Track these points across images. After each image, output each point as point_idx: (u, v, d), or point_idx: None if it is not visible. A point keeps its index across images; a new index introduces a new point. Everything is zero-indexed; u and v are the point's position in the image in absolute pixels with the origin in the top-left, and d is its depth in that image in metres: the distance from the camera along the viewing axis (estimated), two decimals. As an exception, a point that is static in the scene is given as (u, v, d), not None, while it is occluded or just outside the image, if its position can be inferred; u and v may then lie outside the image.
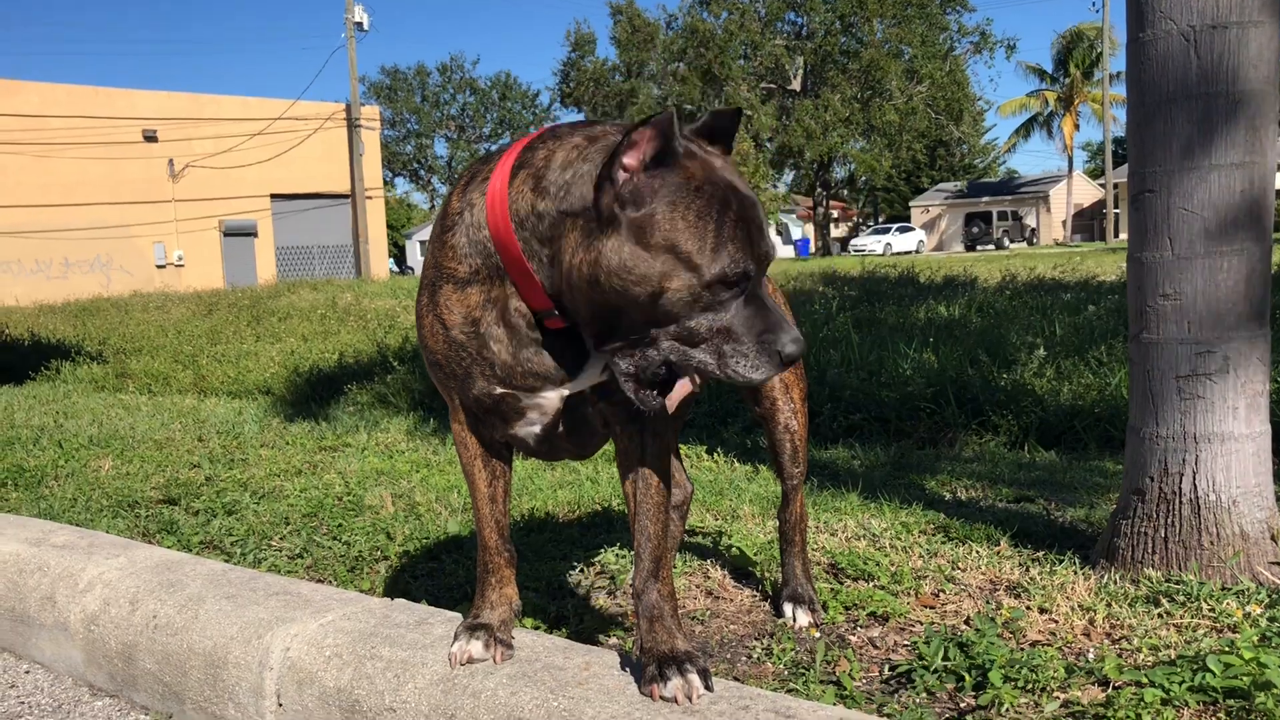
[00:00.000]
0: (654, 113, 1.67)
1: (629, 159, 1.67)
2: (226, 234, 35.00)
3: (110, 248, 32.46)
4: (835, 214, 65.98)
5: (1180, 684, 1.99)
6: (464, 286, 1.90)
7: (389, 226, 42.98)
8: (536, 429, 2.01)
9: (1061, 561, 2.85)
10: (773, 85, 53.03)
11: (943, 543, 3.11)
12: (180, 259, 33.90)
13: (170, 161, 33.40)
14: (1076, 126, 59.51)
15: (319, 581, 3.01)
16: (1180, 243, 2.63)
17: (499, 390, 1.95)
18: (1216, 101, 2.56)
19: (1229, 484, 2.63)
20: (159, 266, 33.45)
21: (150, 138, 32.98)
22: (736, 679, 2.23)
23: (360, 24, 36.24)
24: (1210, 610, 2.41)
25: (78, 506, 4.09)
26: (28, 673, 2.88)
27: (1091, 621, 2.44)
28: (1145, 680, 2.02)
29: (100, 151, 31.59)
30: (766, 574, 2.94)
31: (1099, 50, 54.45)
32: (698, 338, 1.71)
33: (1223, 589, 2.53)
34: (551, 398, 1.94)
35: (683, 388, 2.57)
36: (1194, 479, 2.64)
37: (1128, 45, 2.76)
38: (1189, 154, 2.60)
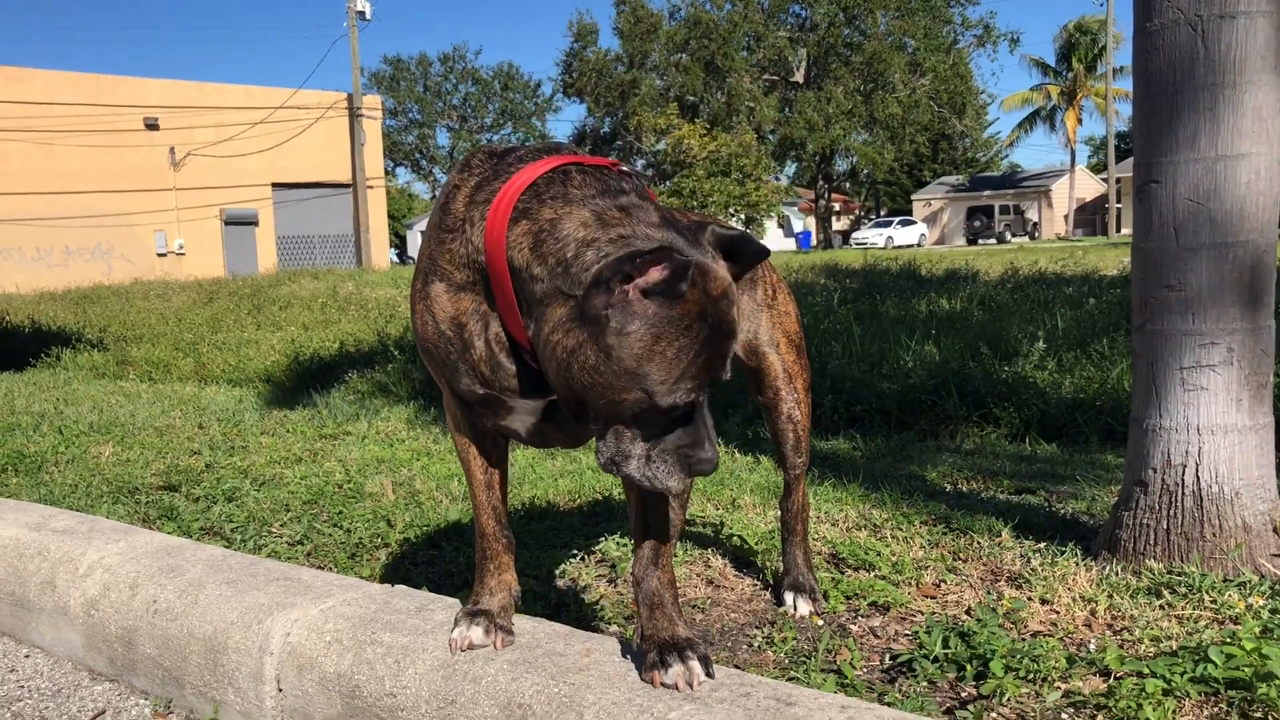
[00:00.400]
0: (664, 248, 1.64)
1: (635, 278, 1.65)
2: (227, 223, 34.97)
3: (111, 236, 32.44)
4: (837, 207, 65.90)
5: (1182, 675, 1.99)
6: (457, 290, 1.89)
7: (390, 216, 42.96)
8: (520, 427, 2.01)
9: (1063, 553, 2.84)
10: (775, 77, 52.94)
11: (944, 533, 3.11)
12: (181, 247, 33.88)
13: (172, 150, 33.36)
14: (1079, 120, 59.42)
15: (319, 568, 3.01)
16: (1185, 234, 2.62)
17: (480, 390, 1.94)
18: (1223, 92, 2.55)
19: (1232, 476, 2.62)
20: (160, 255, 33.43)
21: (152, 126, 32.94)
22: (737, 667, 2.23)
23: (362, 13, 36.20)
24: (1212, 602, 2.41)
25: (78, 492, 4.09)
26: (28, 657, 2.88)
27: (1093, 612, 2.43)
28: (1147, 671, 2.02)
29: (102, 139, 31.55)
30: (767, 563, 2.93)
31: (1102, 43, 54.32)
32: (635, 439, 1.75)
33: (1225, 581, 2.52)
34: (538, 404, 1.93)
35: None
36: (1197, 470, 2.64)
37: (1134, 35, 2.74)
38: (1194, 144, 2.59)
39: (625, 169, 1.89)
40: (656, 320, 1.66)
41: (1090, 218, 60.82)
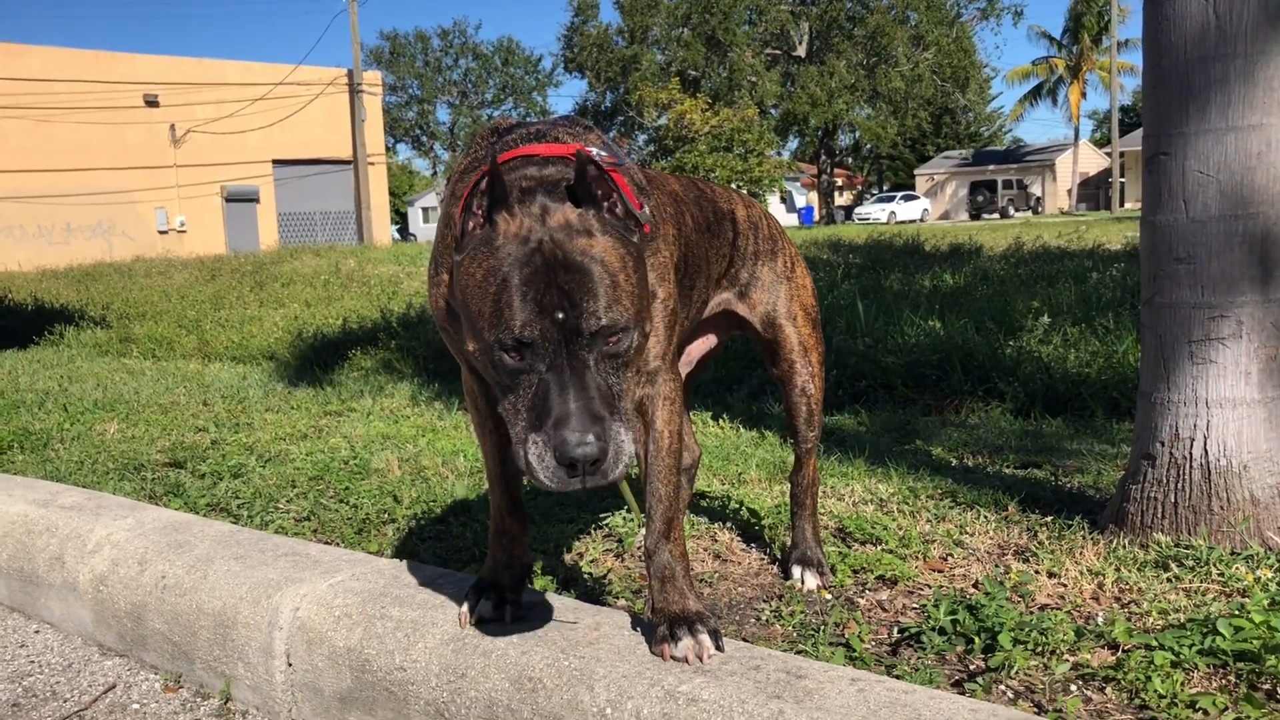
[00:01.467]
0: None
1: (475, 205, 1.70)
2: (228, 200, 34.91)
3: (112, 213, 32.39)
4: (840, 182, 65.78)
5: (1190, 647, 1.99)
6: None
7: (391, 193, 42.89)
8: None
9: (1070, 526, 2.84)
10: (778, 51, 52.68)
11: (950, 508, 3.11)
12: (182, 225, 33.83)
13: (172, 127, 33.26)
14: (1083, 94, 59.13)
15: (327, 543, 3.02)
16: (1195, 206, 2.61)
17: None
18: (1234, 62, 2.53)
19: (1240, 449, 2.62)
20: (161, 232, 33.39)
21: (152, 103, 32.82)
22: (745, 640, 2.24)
23: (362, -12, 35.95)
24: (1220, 575, 2.41)
25: (84, 469, 4.10)
26: (37, 632, 2.89)
27: (1100, 585, 2.44)
28: (1155, 643, 2.02)
29: (102, 116, 31.45)
30: (774, 537, 2.94)
31: (1109, 17, 53.98)
32: (517, 414, 1.68)
33: (1232, 554, 2.52)
34: None
35: (705, 342, 2.57)
36: (1205, 444, 2.63)
37: (1144, 6, 2.72)
38: (1205, 116, 2.57)
39: (593, 150, 1.86)
40: (480, 244, 1.69)
41: (1094, 192, 60.63)
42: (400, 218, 63.25)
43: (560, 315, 1.63)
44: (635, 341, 1.70)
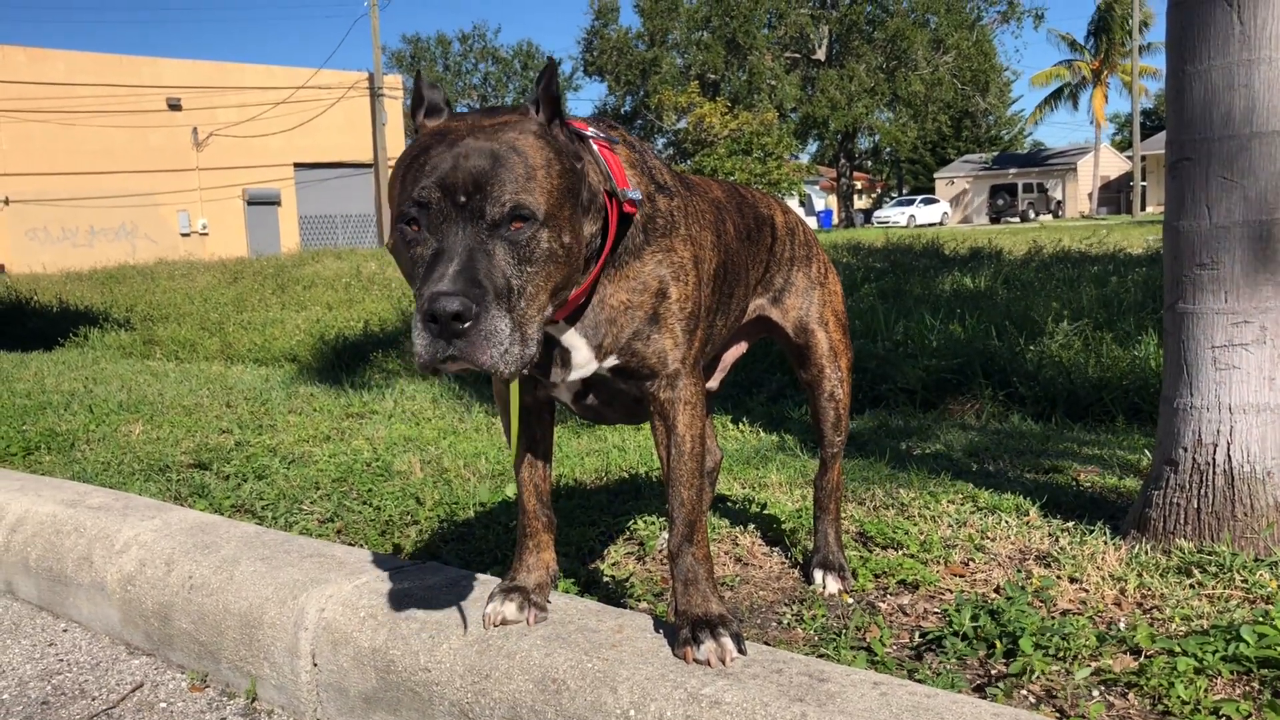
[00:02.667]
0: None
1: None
2: (250, 203, 35.14)
3: (135, 216, 32.66)
4: (859, 185, 65.61)
5: (1214, 653, 1.99)
6: None
7: (411, 196, 42.94)
8: (568, 399, 2.05)
9: (1091, 532, 2.84)
10: (797, 55, 52.63)
11: (971, 512, 3.11)
12: (204, 227, 34.08)
13: (194, 130, 33.52)
14: (1106, 98, 58.82)
15: (350, 545, 3.04)
16: (1218, 211, 2.60)
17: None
18: (1258, 68, 2.53)
19: (1264, 455, 2.61)
20: (183, 235, 33.65)
21: (175, 106, 33.09)
22: (767, 644, 2.24)
23: (382, -8, 36.14)
24: (1243, 581, 2.40)
25: (110, 470, 4.14)
26: (65, 631, 2.93)
27: (1122, 591, 2.43)
28: (1178, 649, 2.02)
29: (125, 120, 31.73)
30: (795, 541, 2.94)
31: (1132, 20, 53.67)
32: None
33: (1256, 560, 2.51)
34: (568, 379, 1.96)
35: (736, 349, 2.58)
36: (1228, 450, 2.63)
37: (1168, 10, 2.72)
38: (1229, 122, 2.57)
39: (591, 130, 1.93)
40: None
41: (1115, 196, 60.27)
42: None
43: (463, 198, 1.63)
44: (545, 243, 1.66)
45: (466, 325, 1.56)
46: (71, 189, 31.17)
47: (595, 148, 1.88)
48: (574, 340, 1.91)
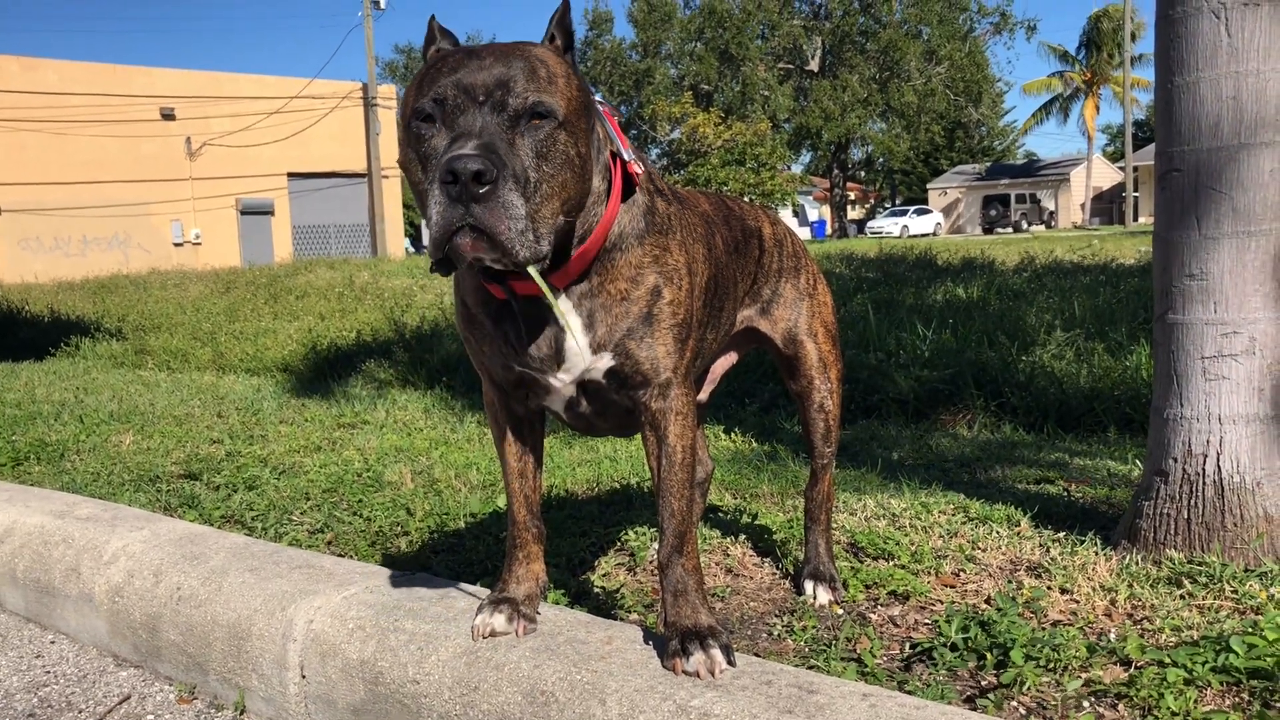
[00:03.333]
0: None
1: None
2: (243, 212, 35.11)
3: (128, 225, 32.61)
4: (852, 196, 65.75)
5: (1203, 664, 1.99)
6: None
7: (405, 206, 43.09)
8: (560, 407, 2.05)
9: (1082, 542, 2.84)
10: (790, 66, 52.81)
11: (962, 523, 3.11)
12: (197, 237, 34.04)
13: (188, 140, 33.50)
14: (1097, 109, 59.09)
15: (340, 556, 3.03)
16: (1207, 222, 2.61)
17: (517, 368, 1.98)
18: (1246, 80, 2.54)
19: (1253, 466, 2.61)
20: (176, 244, 33.60)
21: (168, 116, 33.07)
22: (757, 655, 2.24)
23: (377, 2, 36.23)
24: (1233, 592, 2.41)
25: (100, 480, 4.12)
26: (53, 643, 2.91)
27: (1113, 602, 2.43)
28: (1168, 660, 2.02)
29: (118, 129, 31.71)
30: (786, 552, 2.94)
31: (1124, 31, 53.94)
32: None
33: (1246, 571, 2.51)
34: (564, 379, 1.96)
35: (726, 360, 2.59)
36: (1218, 460, 2.63)
37: (1156, 24, 2.73)
38: (1217, 133, 2.58)
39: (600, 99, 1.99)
40: None
41: (1107, 206, 60.50)
42: (414, 230, 63.47)
43: (483, 96, 1.64)
44: (561, 145, 1.67)
45: (486, 190, 1.55)
46: (64, 199, 31.12)
47: (600, 110, 1.93)
48: (572, 320, 1.90)
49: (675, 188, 2.22)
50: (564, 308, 1.89)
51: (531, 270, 1.70)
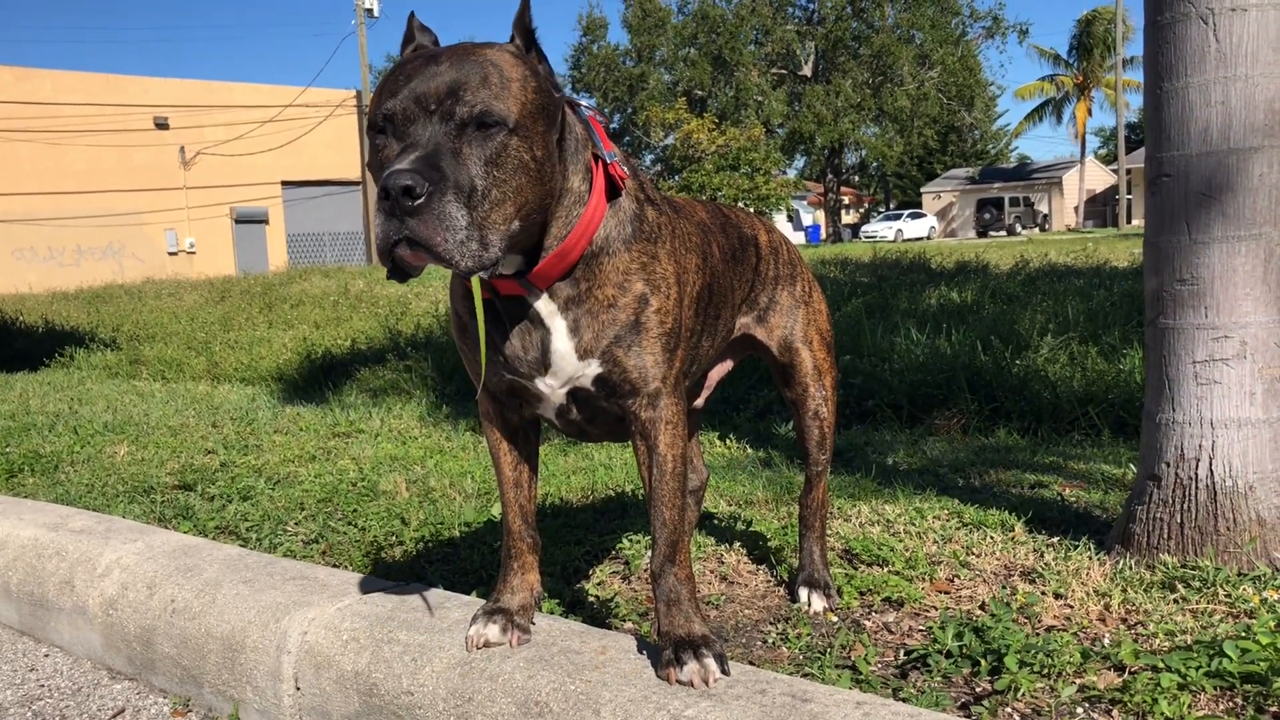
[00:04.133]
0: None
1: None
2: (238, 221, 35.09)
3: (122, 235, 32.58)
4: (846, 200, 65.85)
5: (1197, 669, 1.99)
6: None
7: (400, 213, 42.98)
8: (553, 415, 2.05)
9: (1076, 547, 2.84)
10: (784, 71, 52.88)
11: (957, 528, 3.11)
12: (192, 246, 34.02)
13: (182, 149, 33.49)
14: (1090, 112, 59.21)
15: (335, 566, 3.03)
16: (1197, 227, 2.62)
17: (507, 376, 1.98)
18: (1234, 85, 2.55)
19: (1246, 470, 2.62)
20: (171, 254, 33.58)
21: (162, 125, 33.07)
22: (752, 663, 2.24)
23: (370, 10, 36.28)
24: (1226, 596, 2.41)
25: (94, 492, 4.12)
26: (47, 656, 2.91)
27: (1107, 607, 2.44)
28: (1161, 665, 2.02)
29: (112, 139, 31.69)
30: (781, 559, 2.94)
31: (1114, 35, 54.09)
32: None
33: (1239, 575, 2.52)
34: (552, 385, 1.96)
35: (722, 367, 2.59)
36: (1210, 464, 2.64)
37: (1145, 28, 2.74)
38: (1207, 138, 2.58)
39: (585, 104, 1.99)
40: None
41: (1100, 209, 60.63)
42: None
43: (434, 105, 1.66)
44: (514, 151, 1.67)
45: (418, 203, 1.57)
46: (58, 208, 31.08)
47: (584, 114, 1.94)
48: (556, 323, 1.90)
49: (671, 197, 2.22)
50: (546, 310, 1.89)
51: (474, 280, 1.72)
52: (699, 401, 2.67)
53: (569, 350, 1.91)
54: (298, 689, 2.28)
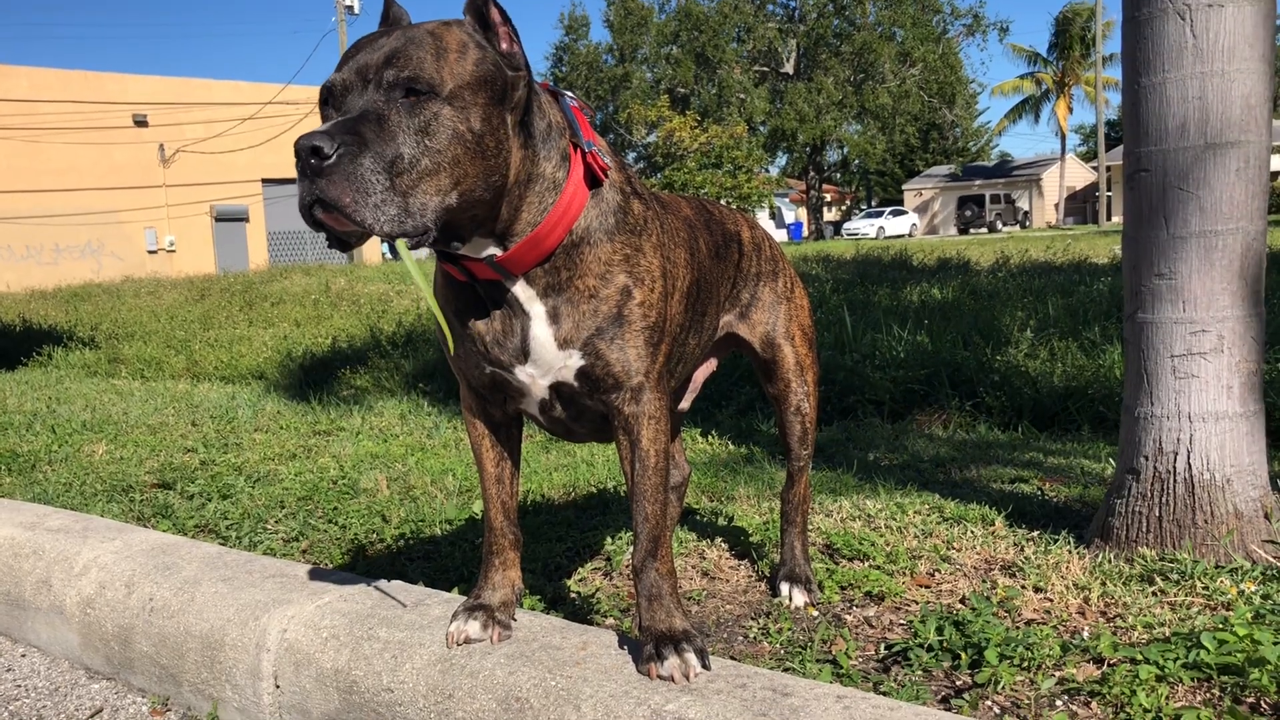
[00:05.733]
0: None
1: None
2: (218, 219, 34.88)
3: (101, 233, 32.34)
4: (828, 197, 66.00)
5: (1175, 661, 2.00)
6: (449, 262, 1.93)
7: (381, 211, 42.84)
8: (536, 410, 2.05)
9: (1056, 541, 2.85)
10: (766, 68, 52.97)
11: (938, 523, 3.12)
12: (172, 244, 33.80)
13: (161, 146, 33.26)
14: (1070, 109, 59.48)
15: (315, 564, 3.01)
16: (1175, 222, 2.63)
17: (489, 368, 1.97)
18: (1211, 80, 2.56)
19: (1223, 463, 2.63)
20: (150, 252, 33.35)
21: (141, 122, 32.83)
22: (733, 658, 2.24)
23: (351, 7, 36.09)
24: (1204, 588, 2.43)
25: (72, 491, 4.09)
26: (24, 656, 2.88)
27: (1086, 600, 2.45)
28: (1140, 657, 2.03)
29: (91, 136, 31.44)
30: (762, 554, 2.94)
31: (1094, 31, 54.37)
32: None
33: (1217, 567, 2.54)
34: (533, 374, 1.95)
35: (706, 367, 2.59)
36: (1188, 458, 2.65)
37: (1123, 25, 2.75)
38: (1184, 133, 2.60)
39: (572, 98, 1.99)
40: None
41: (1081, 206, 60.94)
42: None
43: (371, 75, 1.67)
44: (447, 120, 1.66)
45: (327, 164, 1.57)
46: (36, 206, 30.83)
47: (567, 104, 1.93)
48: (535, 309, 1.89)
49: (657, 194, 2.22)
50: (524, 295, 1.88)
51: (400, 244, 1.71)
52: (684, 404, 2.67)
53: (548, 338, 1.90)
54: (277, 687, 2.26)
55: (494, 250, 1.83)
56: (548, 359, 1.92)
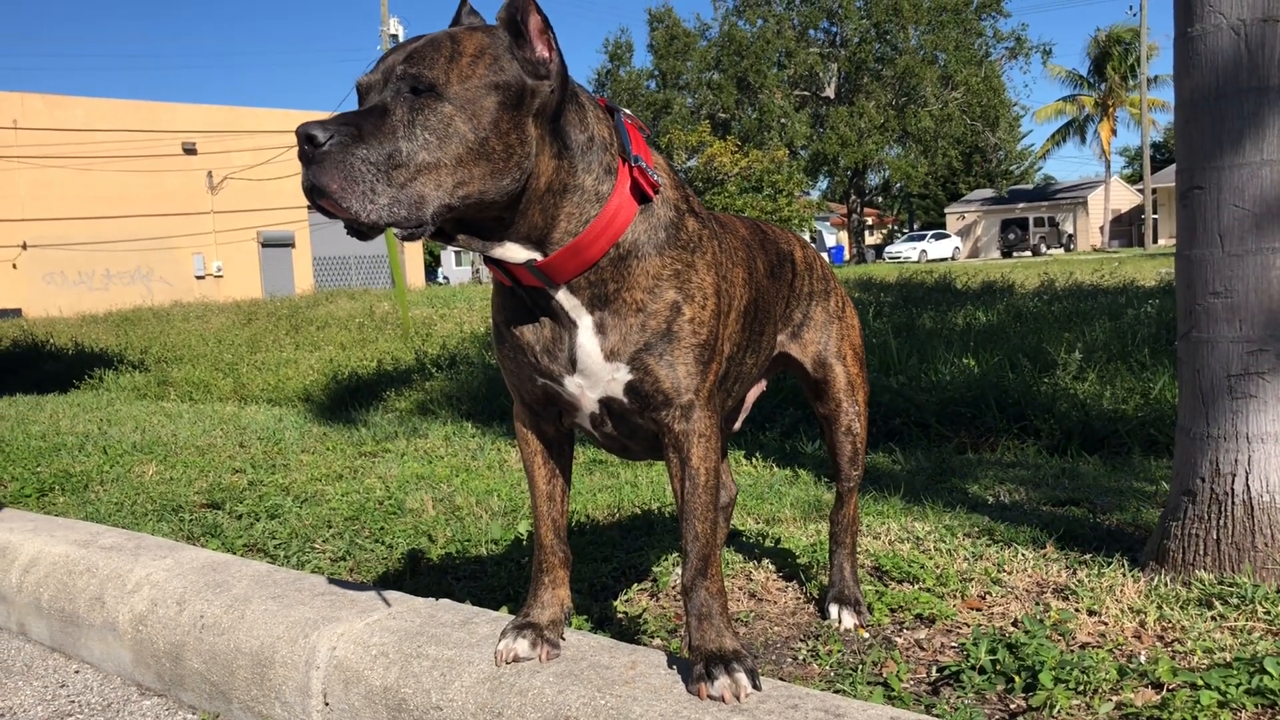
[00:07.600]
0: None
1: None
2: (264, 245, 35.39)
3: (151, 259, 32.93)
4: (870, 221, 65.74)
5: (1237, 686, 1.96)
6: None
7: (424, 236, 43.29)
8: (590, 424, 2.04)
9: (1109, 564, 2.81)
10: (807, 93, 52.98)
11: (987, 546, 3.08)
12: (219, 270, 34.33)
13: (209, 173, 33.85)
14: (1114, 132, 58.94)
15: (363, 583, 3.02)
16: (1231, 239, 2.59)
17: (540, 380, 1.98)
18: (1267, 95, 2.53)
19: (1283, 485, 2.58)
20: (198, 277, 33.89)
21: (190, 150, 33.45)
22: (783, 680, 2.22)
23: (396, 36, 36.59)
24: (1266, 613, 2.37)
25: (123, 510, 4.14)
26: (77, 672, 2.91)
27: (1142, 624, 2.40)
28: (1200, 682, 1.99)
29: (141, 164, 32.08)
30: (810, 576, 2.92)
31: (1136, 54, 53.91)
32: None
33: (1278, 591, 2.48)
34: (582, 385, 1.95)
35: (757, 388, 2.58)
36: (1247, 479, 2.60)
37: (1175, 41, 2.73)
38: (1240, 149, 2.56)
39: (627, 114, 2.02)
40: None
41: (1126, 229, 60.26)
42: (433, 260, 63.82)
43: (391, 74, 1.72)
44: (449, 120, 1.68)
45: (321, 151, 1.62)
46: (88, 233, 31.46)
47: (620, 119, 1.96)
48: (582, 320, 1.90)
49: (715, 214, 2.21)
50: (570, 304, 1.89)
51: (388, 235, 1.76)
52: (736, 425, 2.65)
53: (595, 349, 1.90)
54: (326, 704, 2.27)
55: (534, 255, 1.84)
56: (595, 370, 1.92)
